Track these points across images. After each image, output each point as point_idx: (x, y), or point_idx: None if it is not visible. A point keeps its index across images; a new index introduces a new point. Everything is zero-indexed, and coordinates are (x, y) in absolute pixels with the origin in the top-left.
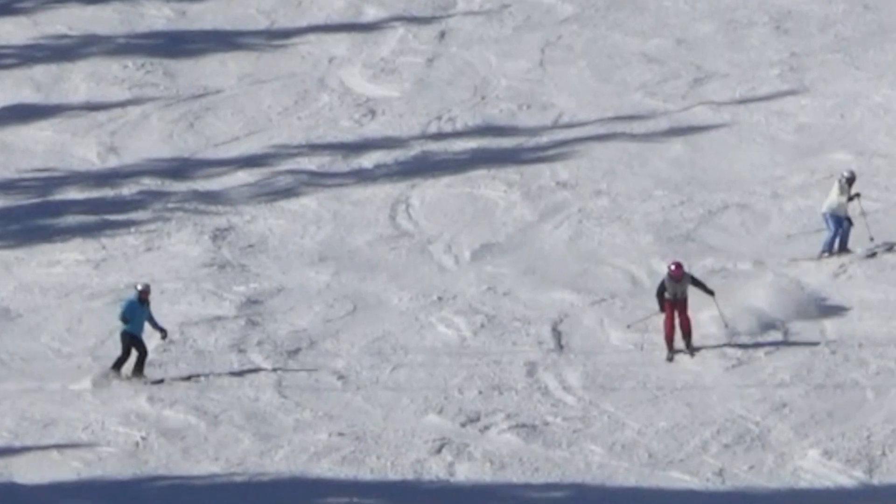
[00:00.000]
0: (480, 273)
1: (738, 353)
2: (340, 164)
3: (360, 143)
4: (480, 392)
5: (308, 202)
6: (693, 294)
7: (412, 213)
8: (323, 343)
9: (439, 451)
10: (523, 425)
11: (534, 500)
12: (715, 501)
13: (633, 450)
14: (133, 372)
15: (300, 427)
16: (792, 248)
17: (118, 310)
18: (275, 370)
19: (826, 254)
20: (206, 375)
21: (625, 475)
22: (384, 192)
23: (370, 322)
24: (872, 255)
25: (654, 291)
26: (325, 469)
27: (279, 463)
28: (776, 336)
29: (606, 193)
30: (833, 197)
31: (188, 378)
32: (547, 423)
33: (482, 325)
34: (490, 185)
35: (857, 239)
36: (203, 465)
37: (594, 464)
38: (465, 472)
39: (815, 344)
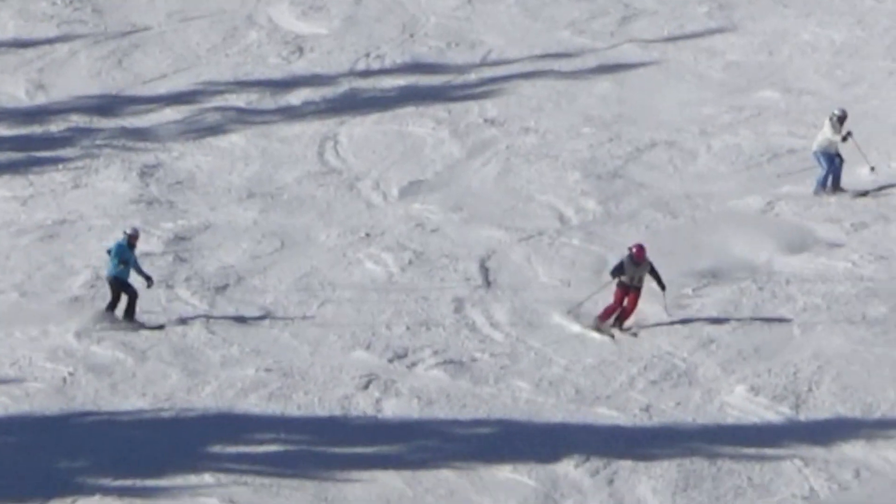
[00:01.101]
0: (408, 210)
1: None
2: (268, 101)
3: (289, 80)
4: (408, 328)
5: (236, 139)
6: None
7: (340, 150)
8: (251, 279)
9: (366, 387)
10: (450, 361)
11: (460, 437)
12: (642, 437)
13: (560, 386)
14: (124, 316)
15: (227, 363)
16: (720, 186)
17: (109, 255)
18: (205, 317)
19: (821, 192)
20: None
21: (552, 411)
22: (312, 129)
23: (298, 258)
24: (864, 194)
25: (581, 228)
26: (252, 404)
27: (206, 398)
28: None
29: (534, 131)
30: (825, 135)
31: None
32: (474, 360)
33: (410, 262)
34: (418, 123)
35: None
36: (131, 401)
37: (521, 400)
38: (393, 408)
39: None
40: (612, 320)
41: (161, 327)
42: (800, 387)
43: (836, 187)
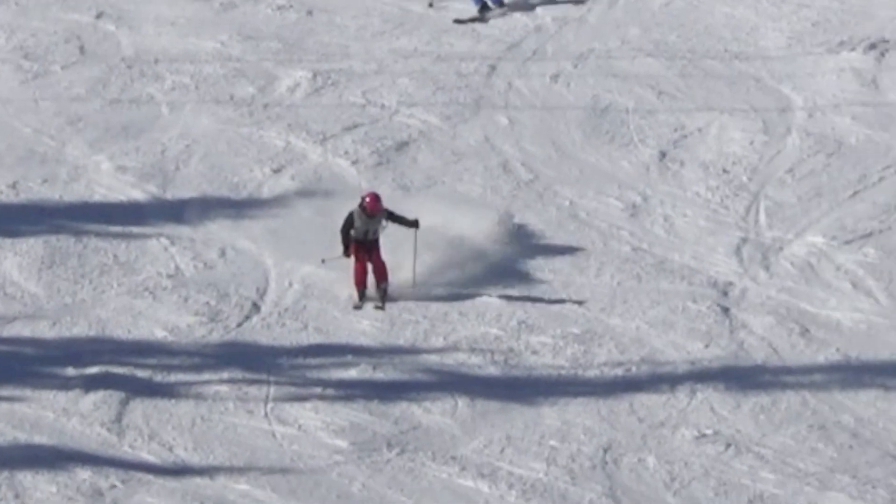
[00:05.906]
0: None
1: (35, 66)
2: None
3: None
4: None
5: None
6: None
7: None
8: None
9: None
10: None
11: None
12: (7, 213)
13: None
14: None
15: None
16: None
17: None
18: None
19: (489, 10)
20: None
21: None
22: None
23: None
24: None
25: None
26: None
27: None
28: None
29: None
30: None
31: None
32: None
33: None
34: None
35: None
36: None
37: None
38: None
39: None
40: (366, 285)
41: None
42: (167, 165)
43: (499, 3)
